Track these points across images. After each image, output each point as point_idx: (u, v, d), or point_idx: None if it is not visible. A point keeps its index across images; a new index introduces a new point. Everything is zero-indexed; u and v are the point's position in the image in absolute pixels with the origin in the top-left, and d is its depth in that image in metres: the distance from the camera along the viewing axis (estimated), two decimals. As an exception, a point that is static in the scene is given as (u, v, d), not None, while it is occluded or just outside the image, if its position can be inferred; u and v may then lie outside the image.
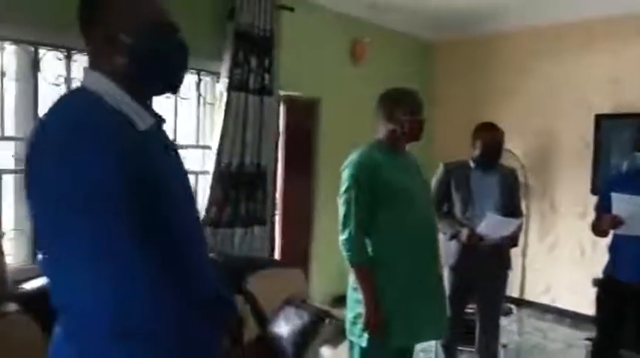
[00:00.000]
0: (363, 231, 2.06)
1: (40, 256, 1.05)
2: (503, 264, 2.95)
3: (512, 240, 2.87)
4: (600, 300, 2.75)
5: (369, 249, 2.07)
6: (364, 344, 2.04)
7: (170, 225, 1.06)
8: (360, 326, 2.05)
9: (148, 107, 1.13)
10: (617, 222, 2.46)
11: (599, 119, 4.42)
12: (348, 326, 2.16)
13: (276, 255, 4.31)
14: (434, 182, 3.00)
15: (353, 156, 2.14)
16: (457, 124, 5.04)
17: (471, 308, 3.12)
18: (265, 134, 3.44)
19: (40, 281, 2.33)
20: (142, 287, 0.97)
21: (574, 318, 4.37)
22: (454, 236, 2.80)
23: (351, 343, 2.14)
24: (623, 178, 2.78)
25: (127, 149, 0.97)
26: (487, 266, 2.83)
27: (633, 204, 2.38)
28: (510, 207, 2.86)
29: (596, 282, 2.80)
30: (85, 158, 0.93)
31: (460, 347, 3.19)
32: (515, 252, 4.83)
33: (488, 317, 2.96)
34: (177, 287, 1.05)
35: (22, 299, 2.23)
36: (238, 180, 3.33)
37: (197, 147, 3.49)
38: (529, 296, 4.92)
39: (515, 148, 4.78)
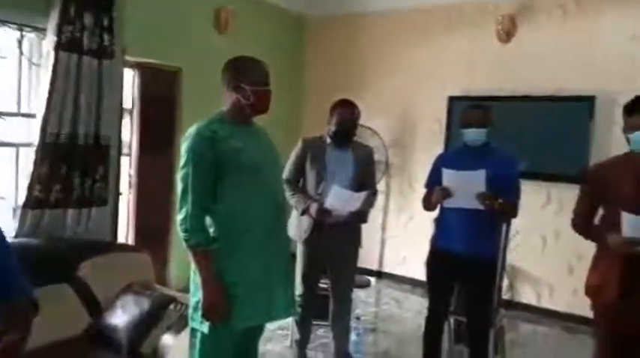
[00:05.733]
0: (202, 209, 1.90)
1: None
2: (353, 241, 2.98)
3: (360, 216, 2.90)
4: (429, 270, 2.86)
5: (211, 229, 1.93)
6: (206, 330, 1.91)
7: None
8: (200, 312, 1.91)
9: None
10: (446, 195, 2.59)
11: (452, 101, 4.71)
12: (190, 312, 2.00)
13: (130, 238, 4.00)
14: (292, 156, 2.95)
15: (191, 129, 1.97)
16: (326, 101, 5.01)
17: (324, 284, 3.14)
18: (107, 102, 3.06)
19: None
20: None
21: (426, 288, 4.64)
22: (305, 211, 2.78)
23: (193, 330, 1.99)
24: (451, 154, 2.95)
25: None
26: (337, 242, 2.85)
27: (460, 178, 2.55)
28: (363, 184, 2.87)
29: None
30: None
31: (315, 322, 3.21)
32: (375, 227, 5.06)
33: (340, 292, 3.00)
34: None
35: None
36: (70, 154, 2.94)
37: (18, 115, 3.02)
38: (387, 268, 5.18)
39: (379, 127, 4.93)
